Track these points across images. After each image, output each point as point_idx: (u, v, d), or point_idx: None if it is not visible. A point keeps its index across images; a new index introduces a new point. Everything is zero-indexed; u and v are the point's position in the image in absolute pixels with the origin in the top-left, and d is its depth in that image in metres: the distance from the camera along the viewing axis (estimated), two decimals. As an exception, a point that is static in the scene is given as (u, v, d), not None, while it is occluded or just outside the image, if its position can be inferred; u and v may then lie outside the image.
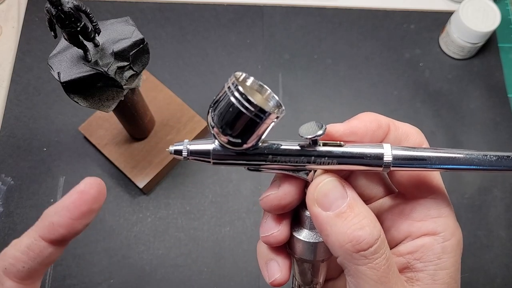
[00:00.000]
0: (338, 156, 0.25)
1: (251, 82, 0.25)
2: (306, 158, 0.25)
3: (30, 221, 0.58)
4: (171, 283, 0.56)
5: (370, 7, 0.73)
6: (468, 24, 0.65)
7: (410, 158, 0.25)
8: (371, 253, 0.23)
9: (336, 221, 0.24)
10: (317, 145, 0.25)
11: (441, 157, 0.25)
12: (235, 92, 0.22)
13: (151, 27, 0.70)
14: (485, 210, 0.61)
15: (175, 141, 0.60)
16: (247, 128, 0.23)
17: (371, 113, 0.27)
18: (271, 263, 0.28)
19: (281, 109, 0.24)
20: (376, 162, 0.25)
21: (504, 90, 0.69)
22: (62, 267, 0.56)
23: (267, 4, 0.72)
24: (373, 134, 0.26)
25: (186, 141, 0.25)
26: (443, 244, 0.26)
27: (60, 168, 0.61)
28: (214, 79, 0.67)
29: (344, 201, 0.24)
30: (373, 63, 0.70)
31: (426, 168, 0.25)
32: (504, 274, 0.58)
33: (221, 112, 0.23)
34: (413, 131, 0.27)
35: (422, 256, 0.26)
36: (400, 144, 0.27)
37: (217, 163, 0.25)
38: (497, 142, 0.65)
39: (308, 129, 0.24)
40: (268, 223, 0.28)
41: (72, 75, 0.41)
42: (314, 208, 0.25)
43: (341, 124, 0.26)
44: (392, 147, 0.25)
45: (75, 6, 0.37)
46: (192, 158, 0.25)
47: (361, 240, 0.23)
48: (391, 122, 0.27)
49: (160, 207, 0.60)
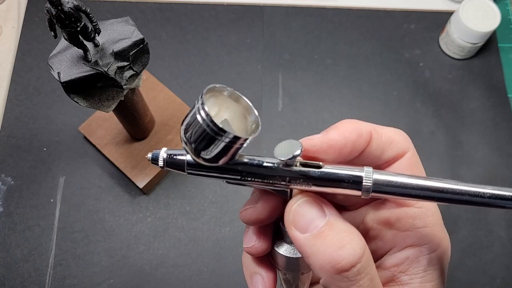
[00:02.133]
0: (314, 178, 0.23)
1: (228, 93, 0.23)
2: (281, 178, 0.23)
3: (30, 221, 0.58)
4: (171, 283, 0.56)
5: (370, 7, 0.73)
6: (468, 24, 0.65)
7: (393, 185, 0.23)
8: (354, 274, 0.22)
9: (315, 242, 0.22)
10: (293, 165, 0.23)
11: (428, 187, 0.23)
12: (202, 112, 0.21)
13: (151, 27, 0.70)
14: (485, 210, 0.61)
15: (175, 141, 0.60)
16: (216, 148, 0.22)
17: (351, 121, 0.25)
18: (256, 278, 0.28)
19: (257, 127, 0.23)
20: (355, 186, 0.23)
21: (504, 90, 0.69)
22: (62, 267, 0.56)
23: (267, 4, 0.72)
24: (353, 145, 0.24)
25: (164, 149, 0.24)
26: (429, 256, 0.25)
27: (60, 168, 0.61)
28: (214, 79, 0.67)
29: (322, 220, 0.23)
30: (373, 63, 0.70)
31: (410, 197, 0.23)
32: (504, 274, 0.58)
33: (190, 130, 0.22)
34: (397, 137, 0.25)
35: (407, 269, 0.25)
36: (384, 152, 0.25)
37: (192, 174, 0.24)
38: (497, 142, 0.65)
39: (283, 150, 0.23)
40: (249, 234, 0.27)
41: (72, 75, 0.41)
42: (291, 231, 0.23)
43: (318, 137, 0.24)
44: (374, 171, 0.23)
45: (75, 6, 0.37)
46: (168, 167, 0.24)
47: (341, 260, 0.21)
48: (373, 129, 0.25)
49: (160, 207, 0.60)
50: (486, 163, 0.64)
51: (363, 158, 0.25)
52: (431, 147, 0.64)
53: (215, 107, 0.23)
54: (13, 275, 0.55)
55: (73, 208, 0.59)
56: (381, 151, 0.25)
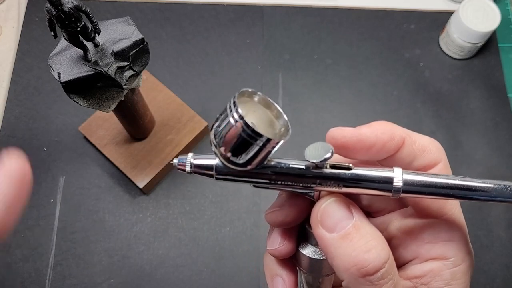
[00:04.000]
0: (344, 179, 0.23)
1: (258, 98, 0.23)
2: (311, 180, 0.23)
3: (30, 221, 0.58)
4: (171, 283, 0.56)
5: (370, 7, 0.73)
6: (468, 24, 0.65)
7: (423, 184, 0.23)
8: (377, 278, 0.22)
9: (341, 243, 0.23)
10: (324, 167, 0.23)
11: (457, 185, 0.23)
12: (235, 114, 0.21)
13: (151, 27, 0.70)
14: (485, 210, 0.61)
15: (175, 141, 0.60)
16: (248, 151, 0.22)
17: (386, 123, 0.25)
18: (276, 280, 0.28)
19: (287, 131, 0.23)
20: (385, 186, 0.23)
21: (504, 90, 0.69)
22: (62, 267, 0.56)
23: (267, 4, 0.72)
24: (383, 146, 0.24)
25: (190, 155, 0.24)
26: (453, 270, 0.25)
27: (60, 168, 0.61)
28: (214, 79, 0.67)
29: (349, 221, 0.23)
30: (373, 63, 0.70)
31: (440, 196, 0.23)
32: (504, 274, 0.58)
33: (221, 133, 0.22)
34: (431, 147, 0.25)
35: (430, 281, 0.25)
36: (415, 160, 0.25)
37: (220, 179, 0.24)
38: (497, 142, 0.65)
39: (314, 152, 0.23)
40: (274, 236, 0.27)
41: (72, 75, 0.41)
42: (318, 229, 0.24)
43: (349, 129, 0.24)
44: (403, 171, 0.23)
45: (75, 6, 0.37)
46: (195, 172, 0.24)
47: (367, 264, 0.22)
48: (407, 135, 0.25)
49: (160, 207, 0.60)
50: (486, 163, 0.64)
51: (393, 163, 0.25)
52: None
53: (244, 111, 0.23)
54: (13, 275, 0.55)
55: (73, 208, 0.59)
56: (413, 158, 0.25)
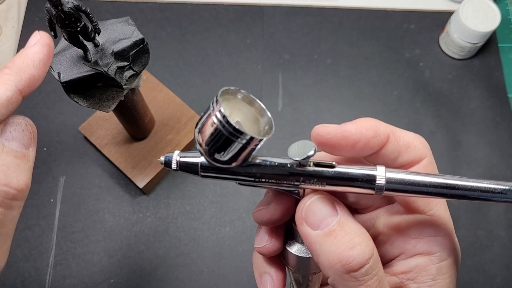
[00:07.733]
0: (327, 177, 0.23)
1: (242, 96, 0.23)
2: (294, 178, 0.24)
3: (30, 221, 0.58)
4: (171, 283, 0.56)
5: (370, 7, 0.73)
6: (468, 24, 0.65)
7: (406, 182, 0.23)
8: (362, 274, 0.22)
9: (326, 240, 0.23)
10: (307, 165, 0.23)
11: (440, 184, 0.23)
12: (217, 113, 0.21)
13: (151, 27, 0.70)
14: (485, 210, 0.61)
15: (175, 141, 0.60)
16: (232, 149, 0.22)
17: (370, 119, 0.25)
18: (265, 277, 0.28)
19: (271, 129, 0.23)
20: (368, 185, 0.23)
21: (504, 90, 0.69)
22: (62, 267, 0.56)
23: (267, 4, 0.72)
24: (368, 143, 0.24)
25: (177, 152, 0.24)
26: (439, 264, 0.25)
27: (60, 168, 0.61)
28: (214, 79, 0.67)
29: (334, 219, 0.23)
30: (373, 63, 0.70)
31: (423, 194, 0.23)
32: (504, 274, 0.58)
33: (205, 132, 0.22)
34: (415, 143, 0.25)
35: (416, 277, 0.25)
36: (400, 156, 0.25)
37: (205, 176, 0.24)
38: (497, 142, 0.65)
39: (297, 150, 0.23)
40: (261, 234, 0.27)
41: (72, 75, 0.41)
42: (303, 227, 0.24)
43: (334, 126, 0.24)
44: (386, 170, 0.23)
45: (75, 6, 0.37)
46: (182, 169, 0.24)
47: (351, 260, 0.22)
48: (391, 131, 0.25)
49: (160, 207, 0.60)
50: (486, 163, 0.64)
51: (378, 159, 0.25)
52: (431, 147, 0.64)
53: (228, 110, 0.23)
54: (13, 275, 0.56)
55: (73, 208, 0.59)
56: (397, 154, 0.25)
